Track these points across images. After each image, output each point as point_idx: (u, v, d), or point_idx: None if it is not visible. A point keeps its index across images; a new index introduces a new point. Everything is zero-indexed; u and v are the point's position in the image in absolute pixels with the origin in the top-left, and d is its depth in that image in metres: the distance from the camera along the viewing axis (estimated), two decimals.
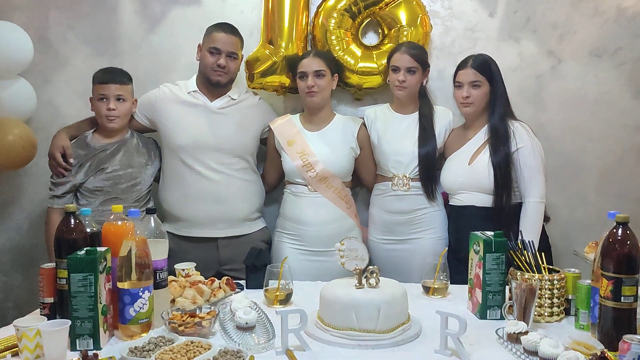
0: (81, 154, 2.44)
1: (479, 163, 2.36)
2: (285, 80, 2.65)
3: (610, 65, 2.71)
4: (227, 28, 2.51)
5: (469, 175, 2.38)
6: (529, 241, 1.91)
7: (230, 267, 2.47)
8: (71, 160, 2.42)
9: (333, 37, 2.64)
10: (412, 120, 2.53)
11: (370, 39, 2.82)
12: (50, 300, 1.69)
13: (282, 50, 2.62)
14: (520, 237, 1.93)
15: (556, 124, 2.77)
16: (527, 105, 2.75)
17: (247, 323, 1.67)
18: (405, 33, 2.63)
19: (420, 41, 2.63)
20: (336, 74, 2.56)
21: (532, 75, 2.76)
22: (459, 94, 2.40)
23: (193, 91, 2.56)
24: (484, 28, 2.76)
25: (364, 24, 2.76)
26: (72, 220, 1.69)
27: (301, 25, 2.66)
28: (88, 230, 1.73)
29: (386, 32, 2.72)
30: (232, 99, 2.58)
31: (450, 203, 2.50)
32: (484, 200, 2.35)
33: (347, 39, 2.67)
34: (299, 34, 2.65)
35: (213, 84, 2.51)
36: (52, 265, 1.70)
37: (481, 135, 2.40)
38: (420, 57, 2.48)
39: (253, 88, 2.70)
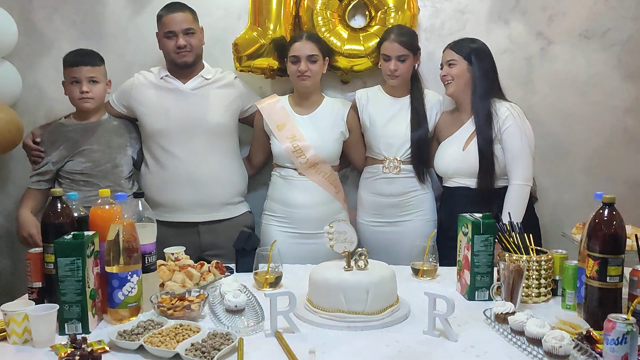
0: (56, 132, 2.43)
1: (472, 148, 2.36)
2: (274, 62, 2.63)
3: (599, 47, 2.71)
4: (175, 7, 2.47)
5: (462, 160, 2.39)
6: (516, 222, 1.92)
7: (212, 252, 2.45)
8: (38, 140, 2.43)
9: (319, 19, 2.61)
10: (404, 103, 2.53)
11: (358, 21, 2.78)
12: (39, 284, 1.68)
13: (270, 32, 2.59)
14: (509, 219, 1.94)
15: (545, 106, 2.76)
16: (516, 88, 2.74)
17: (236, 306, 1.68)
18: (392, 15, 2.60)
19: (408, 24, 2.60)
20: (327, 58, 2.53)
21: (522, 57, 2.75)
22: (441, 73, 2.44)
23: (165, 76, 2.52)
24: (474, 10, 2.74)
25: (351, 5, 2.72)
26: (59, 205, 1.68)
27: (289, 7, 2.62)
28: (75, 214, 1.72)
29: (373, 14, 2.69)
30: (206, 78, 2.54)
31: (443, 184, 2.51)
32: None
33: (333, 20, 2.64)
34: (287, 16, 2.62)
35: (181, 66, 2.48)
36: (39, 249, 1.69)
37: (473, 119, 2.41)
38: (410, 43, 2.46)
39: (241, 71, 2.66)
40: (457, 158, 2.40)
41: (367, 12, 2.75)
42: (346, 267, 1.69)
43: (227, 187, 2.54)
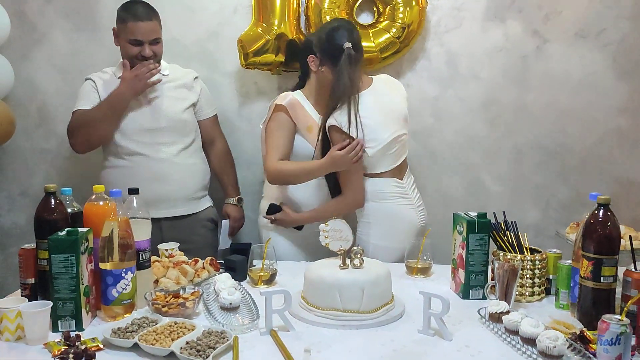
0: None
1: None
2: (280, 58, 2.59)
3: (594, 46, 2.71)
4: (143, 14, 2.33)
5: None
6: (511, 222, 1.91)
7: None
8: None
9: (328, 17, 2.56)
10: None
11: (365, 18, 2.73)
12: (31, 281, 1.66)
13: (275, 28, 2.56)
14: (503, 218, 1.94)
15: (540, 105, 2.77)
16: (511, 86, 2.75)
17: (231, 303, 1.67)
18: (401, 10, 2.57)
19: (416, 18, 2.57)
20: None
21: (518, 56, 2.74)
22: None
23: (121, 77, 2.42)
24: (470, 7, 2.73)
25: (359, 2, 2.68)
26: (53, 201, 1.66)
27: (293, 5, 2.60)
28: (69, 210, 1.71)
29: (381, 9, 2.65)
30: (164, 75, 2.46)
31: None
32: None
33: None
34: (291, 12, 2.59)
35: None
36: (32, 245, 1.68)
37: None
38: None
39: (247, 67, 2.62)
40: None
41: (374, 9, 2.70)
42: (342, 265, 1.69)
43: (190, 182, 2.51)
